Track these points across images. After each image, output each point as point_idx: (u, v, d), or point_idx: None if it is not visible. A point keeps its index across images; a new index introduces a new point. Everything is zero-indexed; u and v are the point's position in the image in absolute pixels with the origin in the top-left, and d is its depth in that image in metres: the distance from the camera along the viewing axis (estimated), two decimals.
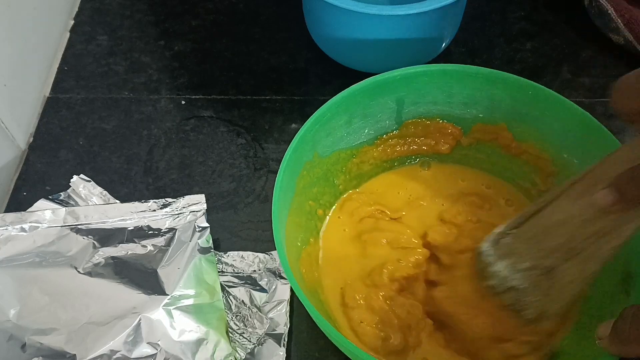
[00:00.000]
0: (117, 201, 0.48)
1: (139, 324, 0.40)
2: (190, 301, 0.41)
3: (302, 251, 0.42)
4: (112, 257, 0.43)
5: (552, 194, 0.37)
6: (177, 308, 0.41)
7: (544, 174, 0.45)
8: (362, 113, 0.45)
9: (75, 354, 0.39)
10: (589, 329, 0.38)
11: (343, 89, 0.43)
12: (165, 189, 0.50)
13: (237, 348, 0.41)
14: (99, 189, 0.48)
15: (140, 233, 0.45)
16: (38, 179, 0.51)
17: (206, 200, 0.46)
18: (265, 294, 0.43)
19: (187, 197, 0.46)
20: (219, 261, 0.45)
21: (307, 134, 0.41)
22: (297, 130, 0.54)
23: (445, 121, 0.46)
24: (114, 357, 0.39)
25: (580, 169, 0.42)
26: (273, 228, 0.37)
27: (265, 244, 0.47)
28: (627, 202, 0.31)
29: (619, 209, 0.32)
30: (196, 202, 0.46)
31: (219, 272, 0.43)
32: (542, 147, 0.44)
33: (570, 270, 0.36)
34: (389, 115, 0.46)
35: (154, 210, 0.45)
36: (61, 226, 0.44)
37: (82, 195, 0.48)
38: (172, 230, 0.45)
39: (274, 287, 0.44)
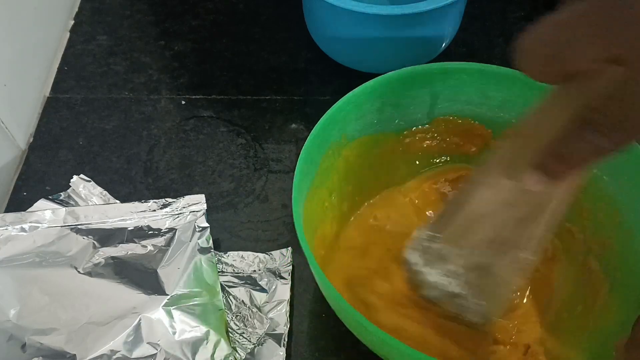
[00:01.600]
0: (117, 201, 0.48)
1: (139, 324, 0.40)
2: (190, 301, 0.41)
3: (318, 231, 0.42)
4: (112, 257, 0.43)
5: (466, 190, 0.35)
6: (177, 308, 0.41)
7: None
8: (395, 102, 0.44)
9: (75, 354, 0.39)
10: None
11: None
12: (165, 189, 0.50)
13: (237, 348, 0.41)
14: (99, 189, 0.48)
15: (140, 233, 0.45)
16: (38, 179, 0.51)
17: (206, 200, 0.46)
18: (265, 294, 0.43)
19: (187, 197, 0.46)
20: (219, 261, 0.45)
21: (337, 113, 0.41)
22: (297, 130, 0.54)
23: (476, 122, 0.46)
24: (114, 357, 0.39)
25: (610, 185, 0.41)
26: (293, 203, 0.37)
27: (265, 244, 0.47)
28: (552, 180, 0.31)
29: (543, 188, 0.31)
30: (196, 202, 0.46)
31: (219, 272, 0.43)
32: None
33: (505, 263, 0.34)
34: (421, 109, 0.45)
35: (154, 210, 0.45)
36: (61, 226, 0.44)
37: (82, 195, 0.48)
38: (172, 230, 0.45)
39: (274, 287, 0.44)
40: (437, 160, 0.47)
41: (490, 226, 0.34)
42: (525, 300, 0.42)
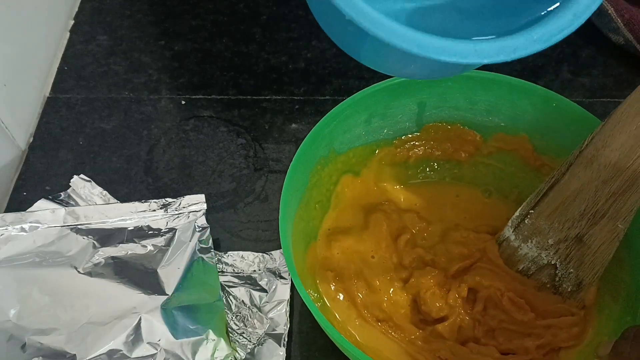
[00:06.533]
0: (117, 201, 0.48)
1: (139, 324, 0.40)
2: (190, 301, 0.41)
3: (309, 247, 0.42)
4: (112, 257, 0.43)
5: (560, 170, 0.38)
6: (177, 308, 0.41)
7: None
8: (382, 113, 0.44)
9: (75, 354, 0.39)
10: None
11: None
12: (165, 189, 0.50)
13: (237, 348, 0.41)
14: (99, 189, 0.48)
15: (140, 233, 0.45)
16: (38, 179, 0.51)
17: (206, 200, 0.46)
18: (265, 294, 0.43)
19: (187, 197, 0.46)
20: (219, 261, 0.45)
21: (323, 129, 0.41)
22: (297, 130, 0.54)
23: (466, 127, 0.45)
24: (114, 357, 0.39)
25: None
26: (280, 220, 0.37)
27: (265, 244, 0.47)
28: None
29: None
30: (196, 202, 0.46)
31: (219, 272, 0.43)
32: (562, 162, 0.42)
33: (601, 233, 0.37)
34: (409, 117, 0.45)
35: (154, 210, 0.45)
36: (61, 226, 0.44)
37: (82, 195, 0.48)
38: (172, 230, 0.45)
39: (274, 287, 0.44)
40: (428, 169, 0.47)
41: (583, 201, 0.37)
42: None
